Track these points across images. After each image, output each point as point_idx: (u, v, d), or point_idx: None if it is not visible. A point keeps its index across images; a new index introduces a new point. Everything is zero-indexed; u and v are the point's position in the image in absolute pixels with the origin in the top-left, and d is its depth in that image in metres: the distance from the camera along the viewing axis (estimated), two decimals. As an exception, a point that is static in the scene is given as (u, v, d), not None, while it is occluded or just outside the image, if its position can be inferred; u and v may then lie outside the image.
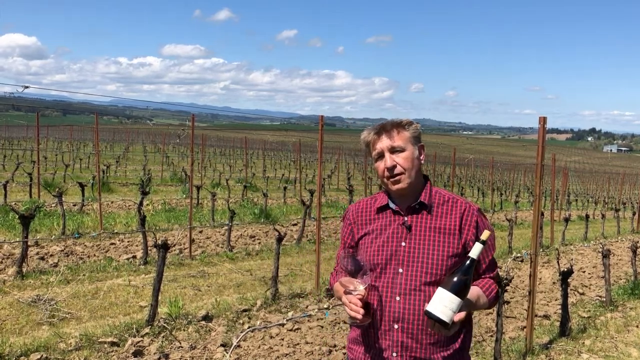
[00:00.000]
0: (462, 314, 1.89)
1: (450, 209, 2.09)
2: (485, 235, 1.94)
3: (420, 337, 2.01)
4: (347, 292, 1.98)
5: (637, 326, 6.06)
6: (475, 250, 1.93)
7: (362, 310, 1.93)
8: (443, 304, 1.86)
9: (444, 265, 2.01)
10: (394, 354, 2.03)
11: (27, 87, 5.52)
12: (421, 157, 2.14)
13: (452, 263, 2.02)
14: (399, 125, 2.10)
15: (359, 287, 1.96)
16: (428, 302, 1.94)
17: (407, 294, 2.01)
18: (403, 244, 2.05)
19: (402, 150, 2.07)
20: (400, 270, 2.03)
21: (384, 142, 2.08)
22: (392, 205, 2.13)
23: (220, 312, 5.68)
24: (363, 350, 2.12)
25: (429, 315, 1.87)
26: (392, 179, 2.07)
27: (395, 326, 2.02)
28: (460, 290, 1.87)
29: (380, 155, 2.09)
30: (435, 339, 2.02)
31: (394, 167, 2.06)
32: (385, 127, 2.10)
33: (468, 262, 1.92)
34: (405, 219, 2.08)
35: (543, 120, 4.95)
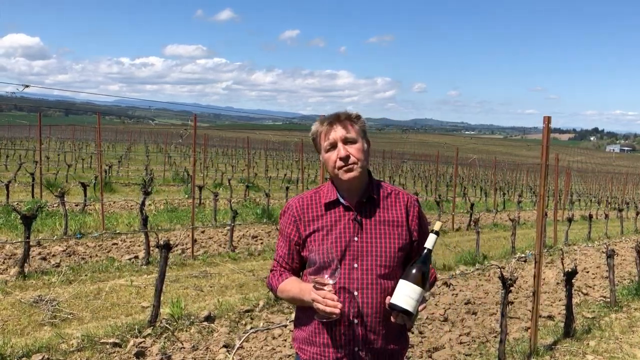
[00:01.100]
0: (425, 305, 1.99)
1: (394, 202, 2.16)
2: (437, 226, 2.05)
3: (378, 329, 2.06)
4: (317, 288, 1.95)
5: (642, 327, 6.02)
6: (431, 241, 2.03)
7: (340, 304, 1.92)
8: (407, 295, 1.93)
9: (395, 257, 2.07)
10: (356, 349, 2.05)
11: (27, 86, 5.51)
12: (369, 152, 2.19)
13: (402, 254, 2.09)
14: (350, 118, 2.12)
15: (329, 281, 1.94)
16: (384, 294, 2.03)
17: (364, 288, 2.04)
18: (356, 238, 2.07)
19: (355, 141, 2.09)
20: (355, 265, 2.05)
21: (338, 133, 2.08)
22: (342, 200, 2.13)
23: (223, 312, 5.66)
24: (319, 350, 2.09)
25: (393, 307, 1.94)
26: (344, 168, 2.06)
27: (355, 321, 2.04)
28: (421, 281, 1.96)
29: (333, 146, 2.09)
30: (388, 330, 2.07)
31: (348, 157, 2.06)
32: (339, 118, 2.11)
33: (425, 252, 2.02)
34: (356, 214, 2.10)
35: (547, 119, 4.91)
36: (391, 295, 1.98)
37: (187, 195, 15.27)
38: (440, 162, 26.78)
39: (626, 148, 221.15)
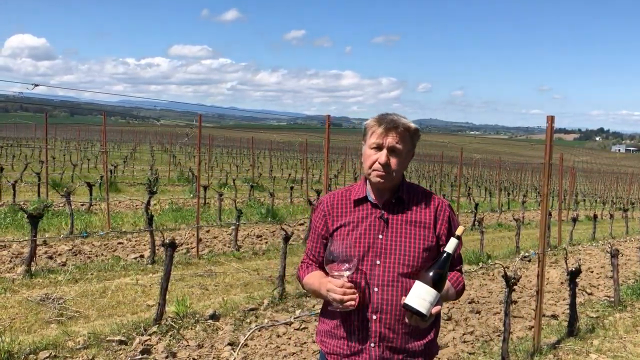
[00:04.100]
0: (439, 307, 1.99)
1: (425, 204, 2.17)
2: (459, 231, 2.05)
3: (397, 327, 2.07)
4: (334, 277, 2.03)
5: (646, 326, 6.02)
6: (451, 245, 2.03)
7: (356, 296, 1.99)
8: (421, 297, 1.94)
9: (419, 257, 2.08)
10: (372, 345, 2.08)
11: (36, 85, 5.55)
12: (409, 159, 2.21)
13: (427, 255, 2.10)
14: (409, 130, 2.12)
15: (345, 273, 2.01)
16: (405, 293, 2.03)
17: (385, 285, 2.06)
18: (380, 236, 2.10)
19: (400, 154, 2.10)
20: (378, 262, 2.08)
21: (389, 140, 2.09)
22: (370, 198, 2.16)
23: (228, 311, 5.70)
24: (339, 343, 2.14)
25: (407, 307, 1.95)
26: (378, 172, 2.09)
27: (374, 317, 2.07)
28: (436, 284, 1.96)
29: (379, 147, 2.10)
30: (410, 329, 2.09)
31: (388, 165, 2.08)
32: (397, 128, 2.09)
33: (444, 256, 2.02)
34: (383, 212, 2.13)
35: (551, 119, 4.93)
36: (406, 296, 2.00)
37: (192, 195, 15.31)
38: (444, 162, 26.76)
39: (632, 148, 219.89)
